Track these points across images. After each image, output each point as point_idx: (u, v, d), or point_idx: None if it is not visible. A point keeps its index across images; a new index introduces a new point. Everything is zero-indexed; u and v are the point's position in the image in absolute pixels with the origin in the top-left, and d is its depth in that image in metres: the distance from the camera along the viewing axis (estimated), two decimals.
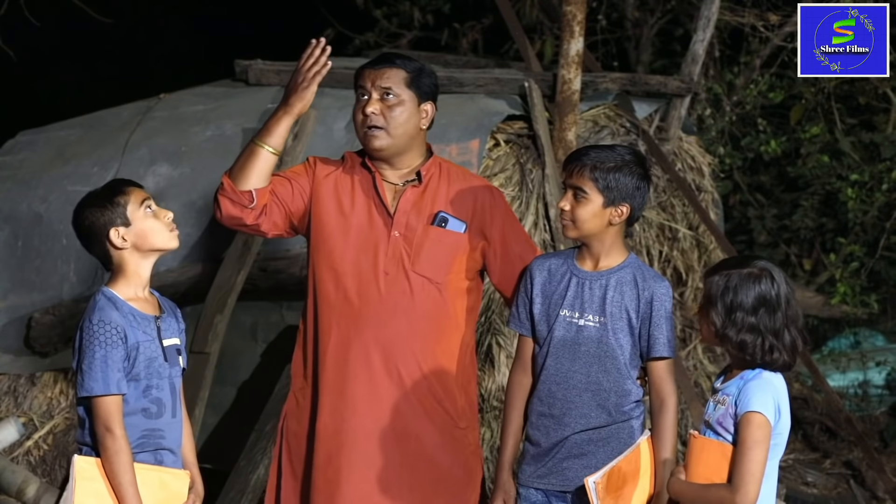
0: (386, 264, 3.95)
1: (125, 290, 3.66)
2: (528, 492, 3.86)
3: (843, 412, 6.85)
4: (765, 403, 3.42)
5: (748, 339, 3.46)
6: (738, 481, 3.39)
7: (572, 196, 3.77)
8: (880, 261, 7.88)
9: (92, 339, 3.55)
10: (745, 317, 3.46)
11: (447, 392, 4.00)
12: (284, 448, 4.07)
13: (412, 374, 3.95)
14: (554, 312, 3.82)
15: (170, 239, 3.70)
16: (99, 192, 3.70)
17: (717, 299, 3.48)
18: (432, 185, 4.02)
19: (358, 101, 4.00)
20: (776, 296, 3.47)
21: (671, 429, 3.73)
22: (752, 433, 3.40)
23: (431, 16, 9.33)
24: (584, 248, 3.84)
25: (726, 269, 3.52)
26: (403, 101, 3.96)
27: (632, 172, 3.76)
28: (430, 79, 4.02)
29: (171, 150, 6.19)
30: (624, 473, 3.68)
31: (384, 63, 3.99)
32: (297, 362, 4.08)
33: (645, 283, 3.77)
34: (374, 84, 3.95)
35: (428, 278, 3.95)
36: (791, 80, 8.06)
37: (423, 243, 3.96)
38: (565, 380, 3.80)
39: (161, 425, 3.64)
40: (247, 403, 5.92)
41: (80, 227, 3.69)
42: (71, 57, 10.44)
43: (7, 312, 6.07)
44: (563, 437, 3.80)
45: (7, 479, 5.72)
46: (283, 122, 3.95)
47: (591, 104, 6.24)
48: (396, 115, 3.95)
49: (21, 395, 6.02)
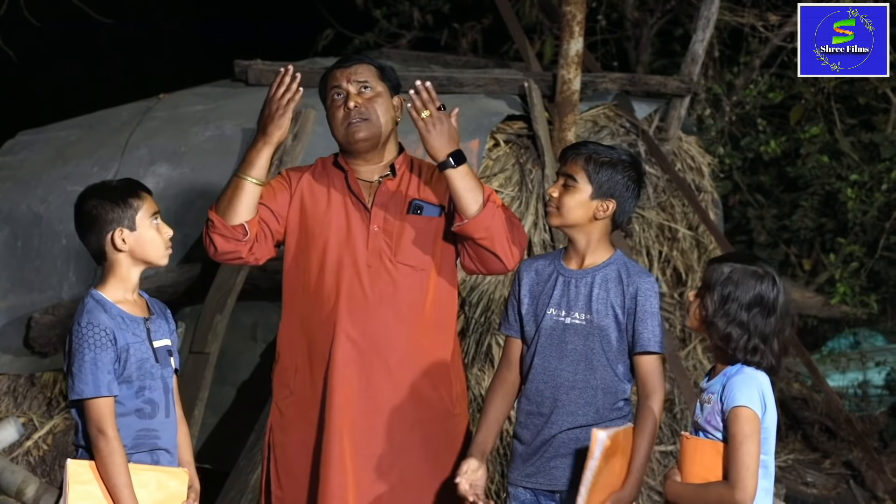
0: (368, 258, 3.97)
1: (114, 292, 3.64)
2: (518, 491, 3.88)
3: (843, 412, 6.85)
4: (750, 397, 3.42)
5: (734, 334, 3.46)
6: (735, 476, 3.40)
7: (562, 184, 3.80)
8: (880, 261, 7.88)
9: (81, 342, 3.54)
10: (738, 311, 3.46)
11: (442, 378, 4.03)
12: (272, 461, 4.09)
13: (403, 364, 3.97)
14: (541, 312, 3.84)
15: (163, 256, 3.69)
16: (115, 186, 3.68)
17: (715, 286, 3.48)
18: (405, 177, 4.07)
19: (333, 102, 4.05)
20: (773, 300, 3.47)
21: (651, 422, 3.72)
22: (742, 427, 3.40)
23: (431, 16, 9.32)
24: (570, 246, 3.86)
25: (733, 261, 3.52)
26: (380, 92, 4.04)
27: (624, 172, 3.79)
28: (394, 74, 4.13)
29: (170, 150, 6.19)
30: (618, 444, 3.68)
31: (353, 61, 4.08)
32: (279, 374, 4.10)
33: (629, 279, 3.78)
34: (349, 80, 4.02)
35: (412, 266, 3.98)
36: (791, 80, 8.06)
37: (402, 233, 3.99)
38: (553, 378, 3.82)
39: (155, 425, 3.64)
40: (247, 403, 5.92)
41: (84, 214, 3.66)
42: (70, 57, 10.43)
43: (7, 312, 6.07)
44: (551, 435, 3.81)
45: (7, 480, 5.72)
46: (263, 153, 3.96)
47: (590, 104, 6.25)
48: (378, 106, 4.01)
49: (21, 395, 6.02)
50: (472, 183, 3.89)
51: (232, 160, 6.07)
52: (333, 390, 3.95)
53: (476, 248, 3.95)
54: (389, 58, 7.38)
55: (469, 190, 3.88)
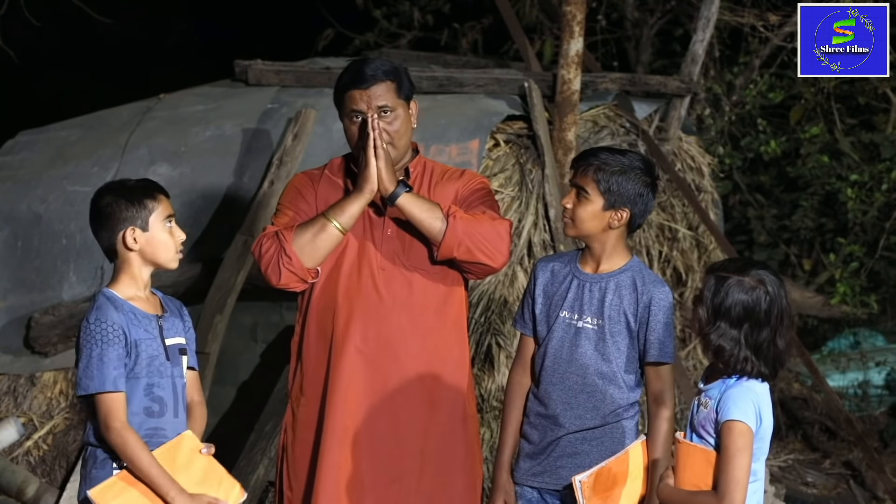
0: (381, 261, 3.99)
1: (126, 289, 3.67)
2: (523, 490, 3.90)
3: (843, 412, 6.85)
4: (745, 411, 3.41)
5: (726, 347, 3.45)
6: (724, 489, 3.40)
7: (575, 195, 3.79)
8: (880, 261, 7.88)
9: (88, 338, 3.57)
10: (728, 327, 3.44)
11: (458, 380, 4.04)
12: (284, 461, 4.11)
13: (417, 366, 3.99)
14: (554, 313, 3.84)
15: (173, 259, 3.71)
16: (132, 186, 3.70)
17: (707, 300, 3.47)
18: (419, 180, 4.08)
19: (352, 121, 4.00)
20: (765, 311, 3.43)
21: (665, 433, 3.74)
22: (735, 441, 3.40)
23: (431, 16, 9.33)
24: (587, 249, 3.86)
25: (727, 271, 3.50)
26: (399, 113, 4.00)
27: (637, 178, 3.76)
28: (407, 77, 4.08)
29: (170, 150, 6.18)
30: (614, 474, 3.69)
31: (371, 81, 3.98)
32: (296, 376, 4.11)
33: (644, 287, 3.77)
34: (369, 106, 3.96)
35: (425, 269, 4.00)
36: (791, 80, 8.06)
37: (415, 236, 4.00)
38: (562, 381, 3.82)
39: (163, 424, 3.65)
40: (247, 403, 5.92)
41: (98, 210, 3.67)
42: (70, 57, 10.44)
43: (7, 312, 6.07)
44: (558, 436, 3.82)
45: (7, 479, 5.72)
46: (357, 205, 3.93)
47: (590, 104, 6.24)
48: (398, 129, 4.00)
49: (21, 395, 6.02)
50: (426, 204, 3.94)
51: (232, 160, 6.07)
52: (336, 393, 3.96)
53: (462, 262, 3.97)
54: (389, 58, 7.38)
55: (426, 211, 3.92)
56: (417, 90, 6.29)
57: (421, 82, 6.23)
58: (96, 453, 3.62)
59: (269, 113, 6.18)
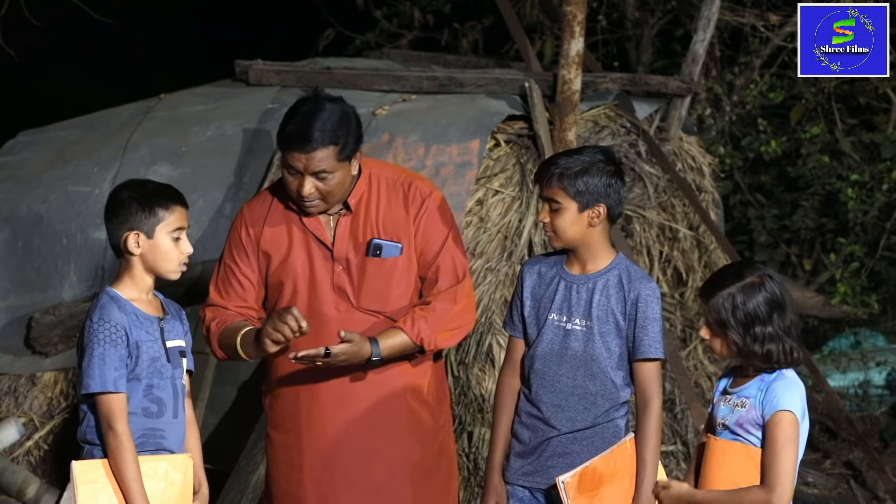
0: (336, 301, 3.97)
1: (129, 290, 3.67)
2: (514, 489, 3.91)
3: (844, 412, 6.84)
4: (793, 402, 3.43)
5: (773, 349, 3.47)
6: (774, 481, 3.38)
7: (548, 208, 3.80)
8: (880, 261, 7.88)
9: (91, 337, 3.57)
10: (764, 328, 3.47)
11: (423, 401, 4.07)
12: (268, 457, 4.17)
13: (387, 399, 4.00)
14: (543, 316, 3.86)
15: (174, 271, 3.70)
16: (150, 190, 3.68)
17: (730, 320, 3.49)
18: (362, 208, 3.99)
19: (288, 171, 3.91)
20: (781, 294, 3.49)
21: (654, 431, 3.74)
22: (784, 431, 3.40)
23: (432, 16, 9.33)
24: (572, 252, 3.86)
25: (724, 285, 3.51)
26: (336, 175, 3.89)
27: (600, 172, 3.76)
28: (354, 134, 3.91)
29: (171, 150, 6.18)
30: (600, 474, 3.69)
31: (314, 146, 3.83)
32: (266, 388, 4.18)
33: (630, 285, 3.78)
34: (306, 169, 3.86)
35: (375, 311, 3.98)
36: (791, 80, 8.06)
37: (363, 277, 3.97)
38: (552, 383, 3.83)
39: (162, 425, 3.65)
40: (247, 403, 5.91)
41: (114, 204, 3.67)
42: (71, 57, 10.43)
43: (7, 312, 6.07)
44: (549, 437, 3.83)
45: (7, 480, 5.72)
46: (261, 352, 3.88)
47: (591, 104, 6.24)
48: (333, 187, 3.90)
49: (21, 395, 6.01)
50: (399, 347, 3.93)
51: (232, 160, 6.06)
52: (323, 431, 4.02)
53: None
54: (390, 58, 7.38)
55: (402, 351, 3.95)
56: (418, 90, 6.32)
57: (421, 82, 6.23)
58: (94, 452, 3.62)
59: (269, 113, 6.18)
